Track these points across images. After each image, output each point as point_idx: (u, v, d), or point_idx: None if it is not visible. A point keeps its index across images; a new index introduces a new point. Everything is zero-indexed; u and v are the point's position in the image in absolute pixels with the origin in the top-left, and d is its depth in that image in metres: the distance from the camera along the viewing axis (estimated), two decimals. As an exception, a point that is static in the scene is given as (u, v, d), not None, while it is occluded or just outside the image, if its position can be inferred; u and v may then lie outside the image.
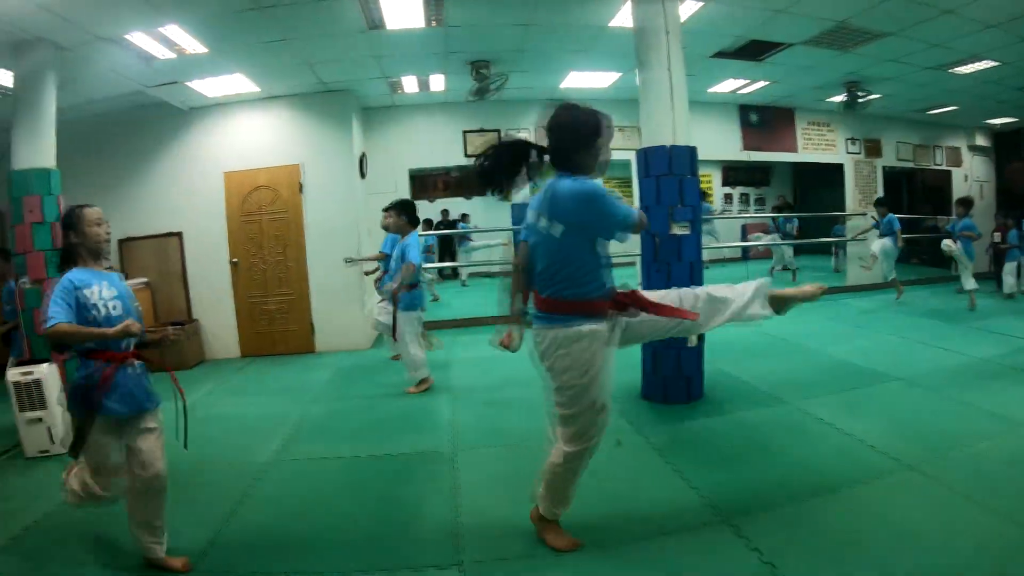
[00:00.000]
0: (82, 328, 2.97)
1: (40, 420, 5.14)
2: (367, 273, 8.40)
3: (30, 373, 5.15)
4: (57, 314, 2.93)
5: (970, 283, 9.49)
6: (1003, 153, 14.30)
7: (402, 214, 6.20)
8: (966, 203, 10.12)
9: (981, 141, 13.99)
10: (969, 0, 6.14)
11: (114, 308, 3.14)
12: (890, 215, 10.25)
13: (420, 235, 6.44)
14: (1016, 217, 10.85)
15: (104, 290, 3.14)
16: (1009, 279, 10.29)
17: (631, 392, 5.72)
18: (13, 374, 5.16)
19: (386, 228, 6.68)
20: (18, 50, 5.70)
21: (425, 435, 5.03)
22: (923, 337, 7.59)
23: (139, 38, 6.01)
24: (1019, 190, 13.19)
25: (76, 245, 3.22)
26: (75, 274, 3.12)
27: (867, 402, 5.29)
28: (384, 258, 7.28)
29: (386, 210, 6.44)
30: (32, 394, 5.13)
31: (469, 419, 5.36)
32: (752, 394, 5.62)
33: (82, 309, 3.03)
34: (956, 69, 8.80)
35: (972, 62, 8.47)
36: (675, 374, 5.36)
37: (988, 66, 8.61)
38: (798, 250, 14.13)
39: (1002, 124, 13.58)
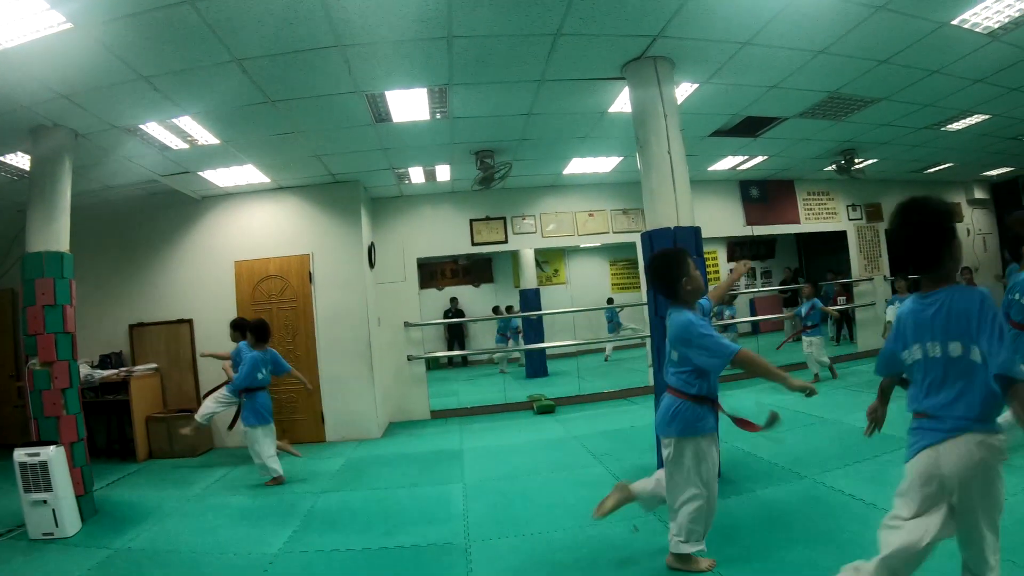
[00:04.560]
0: None
1: (45, 502, 5.13)
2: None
3: (37, 455, 5.16)
4: None
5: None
6: (1002, 203, 14.45)
7: None
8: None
9: (980, 194, 14.17)
10: (954, 59, 6.27)
11: None
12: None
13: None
14: None
15: None
16: None
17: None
18: (20, 454, 5.18)
19: None
20: (36, 135, 5.85)
21: (438, 526, 4.94)
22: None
23: (154, 128, 6.18)
24: None
25: None
26: None
27: (889, 470, 5.13)
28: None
29: None
30: (38, 476, 5.13)
31: (482, 509, 5.27)
32: (770, 471, 5.56)
33: None
34: (949, 126, 8.93)
35: (963, 118, 8.59)
36: (690, 455, 5.28)
37: (979, 120, 8.74)
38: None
39: (998, 175, 13.74)
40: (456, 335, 16.08)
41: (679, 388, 3.63)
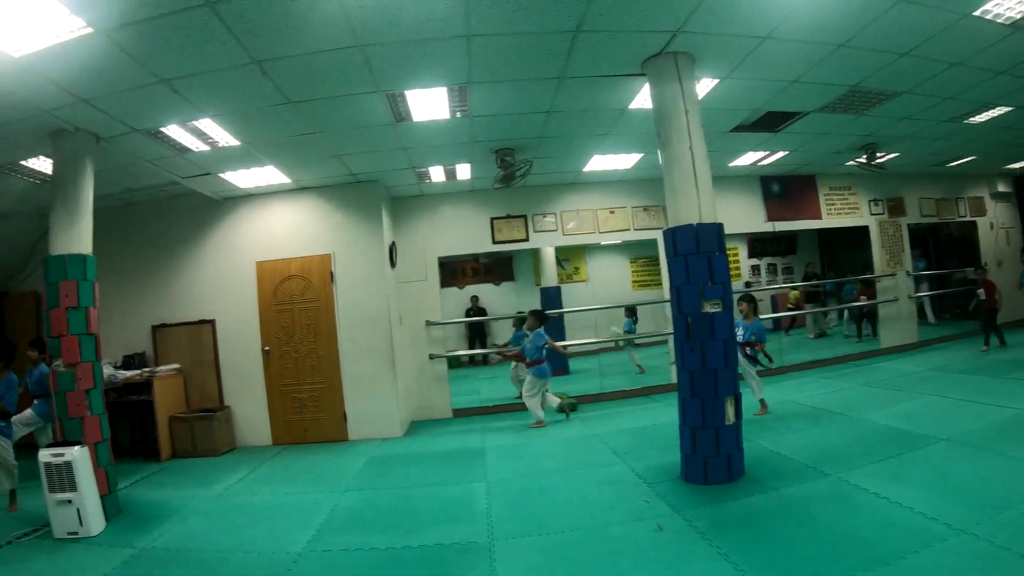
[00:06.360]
0: None
1: (70, 502, 5.20)
2: None
3: (61, 455, 5.24)
4: None
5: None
6: (1026, 196, 14.31)
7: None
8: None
9: (1003, 187, 14.00)
10: (976, 51, 6.20)
11: None
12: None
13: None
14: None
15: None
16: None
17: (671, 474, 5.64)
18: (44, 455, 5.26)
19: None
20: (57, 139, 5.91)
21: (461, 525, 4.95)
22: (966, 394, 7.46)
23: (174, 131, 6.21)
24: None
25: None
26: None
27: (912, 467, 5.20)
28: None
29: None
30: (63, 476, 5.20)
31: (505, 508, 5.27)
32: (794, 468, 5.52)
33: None
34: (971, 119, 8.83)
35: (986, 110, 8.49)
36: (715, 453, 5.27)
37: (1002, 112, 8.62)
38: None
39: (1022, 168, 13.58)
40: (477, 333, 16.03)
41: None
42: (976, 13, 5.33)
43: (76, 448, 5.31)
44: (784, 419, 7.30)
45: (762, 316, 9.64)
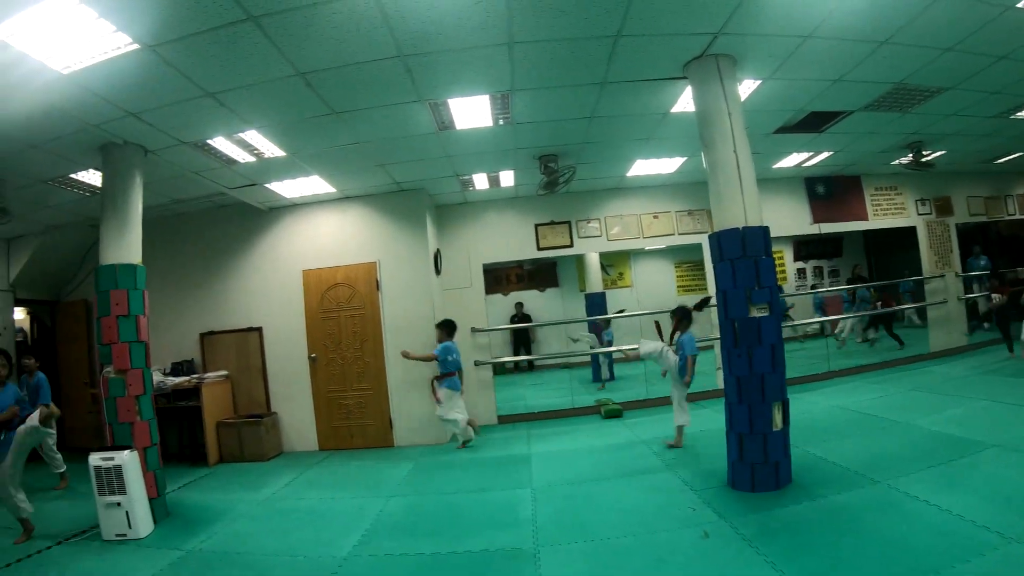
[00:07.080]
0: None
1: (119, 505, 5.35)
2: None
3: (111, 459, 5.40)
4: None
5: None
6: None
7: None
8: None
9: (1055, 184, 13.51)
10: (1021, 43, 6.05)
11: None
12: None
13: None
14: None
15: None
16: None
17: (718, 480, 5.58)
18: (95, 459, 5.43)
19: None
20: (106, 152, 6.09)
21: (506, 531, 4.95)
22: (1018, 398, 7.25)
23: (221, 143, 6.36)
24: None
25: None
26: None
27: (964, 474, 5.06)
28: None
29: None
30: (112, 479, 5.36)
31: (550, 514, 5.25)
32: (842, 475, 5.41)
33: None
34: (1018, 114, 8.58)
35: (1034, 104, 8.26)
36: (762, 460, 5.19)
37: (1051, 106, 8.37)
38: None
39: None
40: (522, 340, 15.98)
41: None
42: (1020, 5, 5.21)
43: (126, 452, 5.48)
44: (832, 425, 7.17)
45: (811, 319, 9.42)
